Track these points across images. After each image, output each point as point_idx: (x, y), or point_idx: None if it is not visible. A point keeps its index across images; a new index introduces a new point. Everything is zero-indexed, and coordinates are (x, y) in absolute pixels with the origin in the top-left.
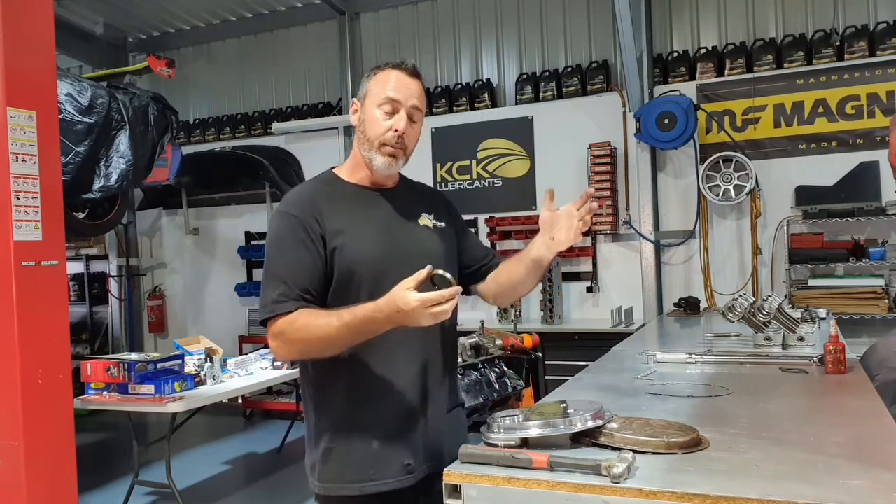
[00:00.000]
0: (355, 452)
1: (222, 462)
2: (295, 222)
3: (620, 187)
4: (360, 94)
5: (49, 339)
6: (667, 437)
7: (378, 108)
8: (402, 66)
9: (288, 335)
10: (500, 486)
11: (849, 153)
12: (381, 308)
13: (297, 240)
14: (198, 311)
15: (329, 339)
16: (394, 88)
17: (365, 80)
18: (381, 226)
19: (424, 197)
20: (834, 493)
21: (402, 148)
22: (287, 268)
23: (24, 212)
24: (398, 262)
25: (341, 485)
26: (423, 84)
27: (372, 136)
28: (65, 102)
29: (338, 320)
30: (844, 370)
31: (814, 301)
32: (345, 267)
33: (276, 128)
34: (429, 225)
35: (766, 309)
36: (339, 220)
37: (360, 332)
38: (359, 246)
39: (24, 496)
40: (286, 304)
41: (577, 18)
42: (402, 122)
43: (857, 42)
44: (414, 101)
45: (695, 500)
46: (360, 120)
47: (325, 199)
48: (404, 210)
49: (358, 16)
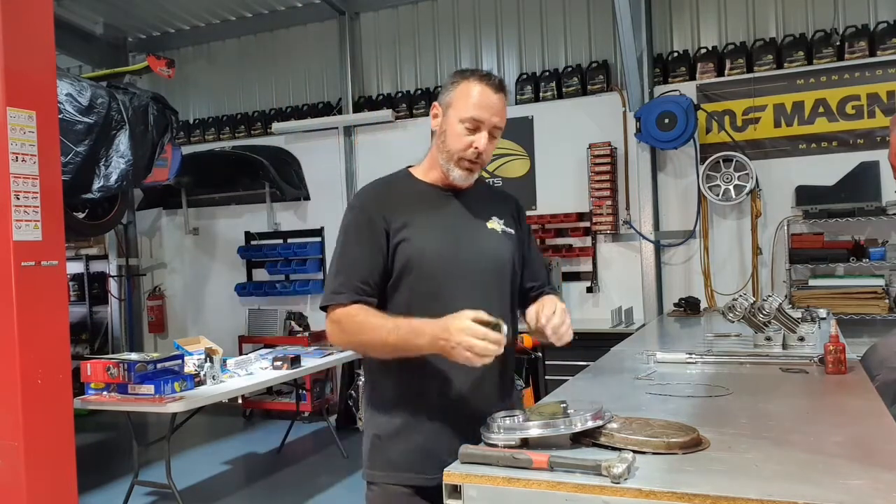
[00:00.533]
0: (401, 444)
1: (222, 462)
2: (361, 217)
3: (620, 187)
4: (442, 100)
5: (49, 339)
6: (667, 437)
7: (460, 123)
8: (488, 79)
9: (343, 325)
10: (500, 486)
11: (849, 153)
12: (430, 325)
13: (360, 234)
14: (198, 311)
15: (374, 342)
16: (478, 106)
17: (449, 87)
18: (447, 226)
19: (497, 201)
20: (834, 493)
21: (481, 163)
22: (348, 261)
23: (23, 212)
24: (460, 262)
25: (385, 473)
26: (506, 97)
27: (452, 149)
28: (65, 102)
29: (388, 328)
30: (845, 370)
31: (814, 301)
32: (405, 261)
33: (275, 128)
34: (497, 229)
35: (767, 309)
36: (406, 216)
37: (404, 341)
38: (421, 243)
39: (24, 496)
40: (342, 296)
41: (577, 18)
42: (482, 141)
43: (858, 42)
44: (496, 120)
45: (695, 500)
46: (441, 129)
47: (396, 196)
48: (473, 212)
49: (358, 16)
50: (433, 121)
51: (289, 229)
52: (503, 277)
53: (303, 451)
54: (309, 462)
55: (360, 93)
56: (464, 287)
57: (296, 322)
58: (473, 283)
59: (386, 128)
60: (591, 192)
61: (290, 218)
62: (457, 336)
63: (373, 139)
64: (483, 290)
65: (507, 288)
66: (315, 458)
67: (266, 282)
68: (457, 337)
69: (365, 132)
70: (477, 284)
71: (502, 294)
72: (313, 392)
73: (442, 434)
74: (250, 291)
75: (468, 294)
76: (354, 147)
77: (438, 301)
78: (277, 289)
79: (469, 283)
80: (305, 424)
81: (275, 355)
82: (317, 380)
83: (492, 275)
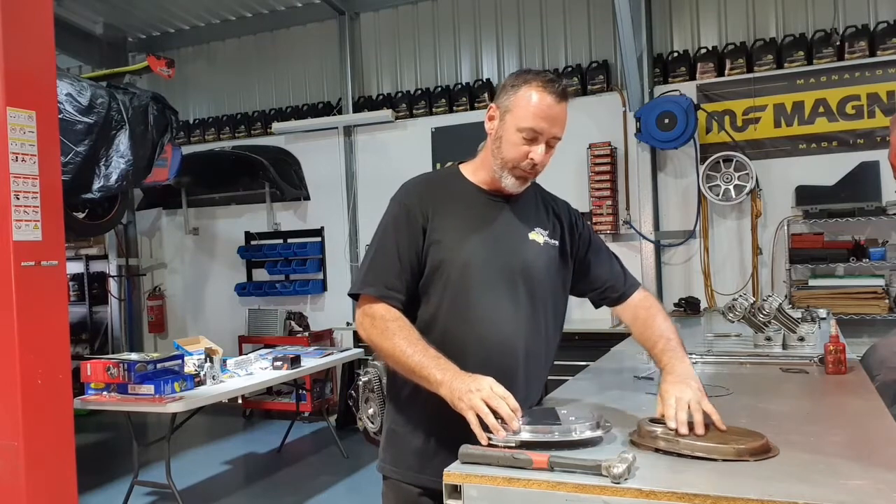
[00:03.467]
0: (414, 442)
1: (222, 462)
2: (401, 211)
3: (620, 187)
4: (500, 102)
5: (49, 339)
6: (736, 444)
7: (518, 131)
8: (552, 86)
9: (376, 323)
10: (501, 486)
11: (849, 153)
12: (453, 371)
13: (398, 228)
14: (197, 311)
15: (395, 357)
16: (538, 117)
17: (509, 90)
18: (487, 233)
19: (545, 210)
20: (834, 494)
21: (535, 173)
22: (383, 254)
23: (23, 212)
24: (494, 271)
25: (398, 469)
26: (567, 105)
27: (507, 157)
28: (64, 102)
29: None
30: (845, 370)
31: (814, 301)
32: (436, 262)
33: (275, 128)
34: (538, 241)
35: (767, 309)
36: (445, 216)
37: (421, 367)
38: (455, 245)
39: (24, 496)
40: (372, 288)
41: (577, 18)
42: (539, 153)
43: (858, 42)
44: (556, 131)
45: (695, 500)
46: (497, 134)
47: (440, 194)
48: (516, 221)
49: (358, 16)
50: (488, 123)
51: (289, 229)
52: (538, 288)
53: (303, 451)
54: (309, 462)
55: (360, 93)
56: (496, 297)
57: (296, 322)
58: (506, 294)
59: (386, 128)
60: (591, 191)
61: (289, 218)
62: (472, 392)
63: (373, 139)
64: (516, 301)
65: (542, 298)
66: (315, 458)
67: (266, 282)
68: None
69: (365, 132)
70: (509, 295)
71: (535, 304)
72: (313, 392)
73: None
74: (250, 291)
75: (499, 304)
76: (354, 147)
77: (469, 308)
78: (277, 289)
79: (501, 293)
80: (305, 424)
81: (275, 355)
82: (317, 380)
83: (526, 286)
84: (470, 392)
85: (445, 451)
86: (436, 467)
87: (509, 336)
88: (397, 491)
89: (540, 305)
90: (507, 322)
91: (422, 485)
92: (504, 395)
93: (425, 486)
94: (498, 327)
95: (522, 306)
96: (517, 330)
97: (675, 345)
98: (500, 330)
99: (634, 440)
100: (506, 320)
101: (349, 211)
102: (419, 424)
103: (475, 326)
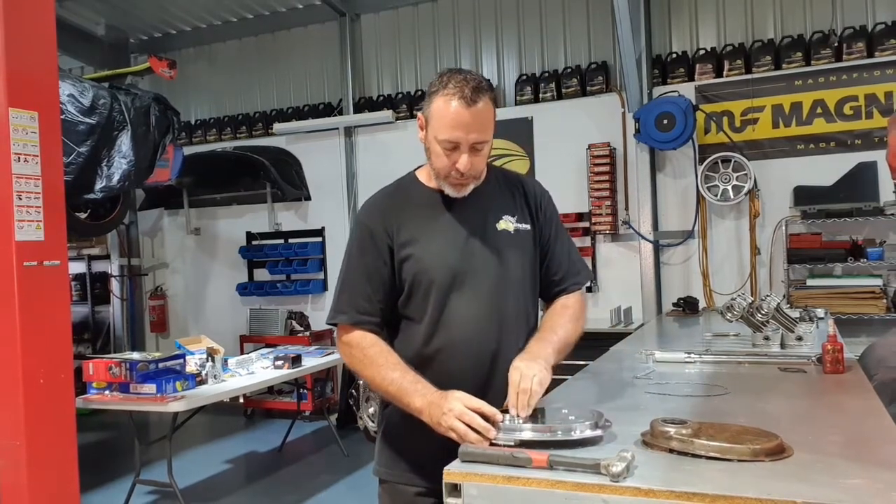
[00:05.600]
0: (410, 443)
1: (223, 461)
2: (365, 233)
3: (619, 188)
4: (424, 111)
5: (51, 339)
6: (751, 444)
7: (438, 143)
8: (461, 93)
9: (353, 352)
10: (500, 484)
11: (847, 154)
12: (429, 394)
13: (364, 251)
14: (199, 310)
15: (377, 382)
16: (453, 127)
17: (428, 99)
18: (454, 234)
19: (510, 193)
20: (832, 493)
21: (469, 178)
22: (352, 279)
23: (26, 212)
24: (469, 273)
25: (392, 471)
26: (488, 102)
27: (436, 167)
28: (67, 103)
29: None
30: (843, 370)
31: (812, 301)
32: (413, 277)
33: (276, 128)
34: (509, 229)
35: (765, 309)
36: (410, 229)
37: (402, 394)
38: (428, 257)
39: (26, 495)
40: (344, 316)
41: (576, 19)
42: (463, 162)
43: (856, 43)
44: (474, 137)
45: (694, 500)
46: (426, 145)
47: (400, 207)
48: (482, 214)
49: (358, 17)
50: (420, 132)
51: (290, 229)
52: (516, 281)
53: (304, 450)
54: (310, 461)
55: (361, 93)
56: (475, 298)
57: (297, 322)
58: (485, 293)
59: (386, 128)
60: (591, 192)
61: (290, 218)
62: (446, 417)
63: (373, 140)
64: (495, 298)
65: (522, 290)
66: (316, 457)
67: (267, 281)
68: (448, 407)
69: (365, 133)
70: (488, 294)
71: (517, 298)
72: (314, 391)
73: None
74: (251, 291)
75: (479, 305)
76: (355, 147)
77: (450, 314)
78: (278, 288)
79: (480, 292)
80: (306, 424)
81: (276, 355)
82: (318, 379)
83: (504, 281)
84: (444, 415)
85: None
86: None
87: (493, 335)
88: (393, 494)
89: (521, 293)
90: (488, 321)
91: (418, 486)
92: (477, 407)
93: (421, 487)
94: (480, 328)
95: (502, 302)
96: (499, 327)
97: (549, 335)
98: (482, 330)
99: (647, 440)
100: (487, 319)
101: (350, 211)
102: (414, 427)
103: (457, 331)
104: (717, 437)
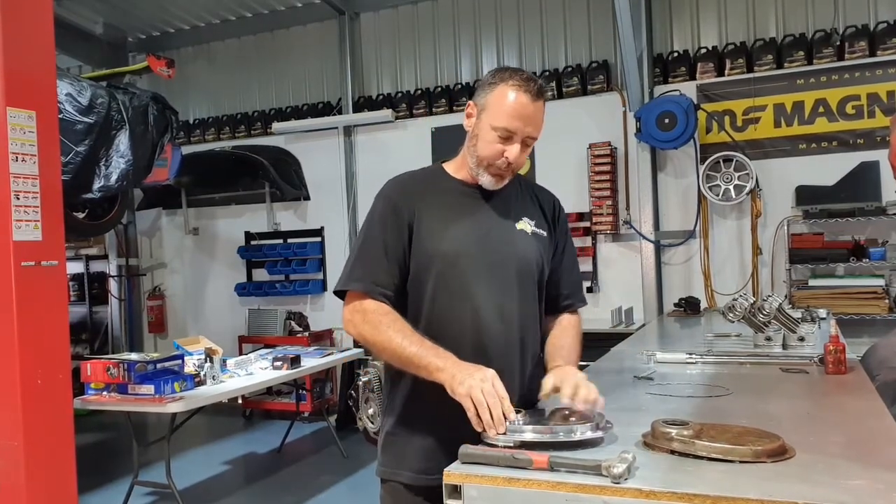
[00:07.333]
0: (413, 443)
1: (222, 462)
2: (386, 206)
3: (620, 187)
4: (478, 100)
5: (49, 340)
6: (753, 445)
7: (493, 130)
8: (526, 86)
9: (368, 316)
10: (501, 486)
11: (849, 153)
12: (452, 357)
13: (385, 224)
14: (197, 311)
15: (390, 349)
16: (512, 116)
17: (486, 88)
18: (475, 225)
19: (531, 201)
20: (834, 493)
21: (511, 171)
22: (369, 250)
23: (23, 212)
24: (484, 263)
25: (396, 470)
26: (544, 104)
27: (482, 155)
28: (65, 102)
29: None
30: (845, 370)
31: (814, 301)
32: (425, 257)
33: (275, 128)
34: (527, 230)
35: (767, 309)
36: (430, 211)
37: (423, 351)
38: (443, 239)
39: (24, 496)
40: (359, 284)
41: (577, 18)
42: (514, 152)
43: (858, 42)
44: (530, 130)
45: (695, 500)
46: (474, 132)
47: (424, 190)
48: (503, 213)
49: (358, 16)
50: (466, 120)
51: (289, 229)
52: (529, 279)
53: (303, 451)
54: (309, 462)
55: (360, 93)
56: (487, 288)
57: (296, 322)
58: (497, 285)
59: (386, 128)
60: (591, 191)
61: (289, 218)
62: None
63: (372, 139)
64: (508, 291)
65: (532, 289)
66: (315, 458)
67: (266, 282)
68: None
69: (365, 132)
70: (501, 286)
71: (526, 295)
72: (313, 392)
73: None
74: (250, 291)
75: (491, 296)
76: (354, 147)
77: (461, 301)
78: (277, 289)
79: (493, 284)
80: (305, 424)
81: (275, 355)
82: (317, 380)
83: (517, 276)
84: (472, 380)
85: (444, 452)
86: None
87: (505, 328)
88: (395, 494)
89: (531, 292)
90: (501, 313)
91: (420, 486)
92: (502, 396)
93: (423, 485)
94: (493, 319)
95: (515, 297)
96: (512, 321)
97: (569, 356)
98: (494, 322)
99: (648, 442)
100: (500, 311)
101: (349, 211)
102: (417, 427)
103: (468, 319)
104: (719, 439)
